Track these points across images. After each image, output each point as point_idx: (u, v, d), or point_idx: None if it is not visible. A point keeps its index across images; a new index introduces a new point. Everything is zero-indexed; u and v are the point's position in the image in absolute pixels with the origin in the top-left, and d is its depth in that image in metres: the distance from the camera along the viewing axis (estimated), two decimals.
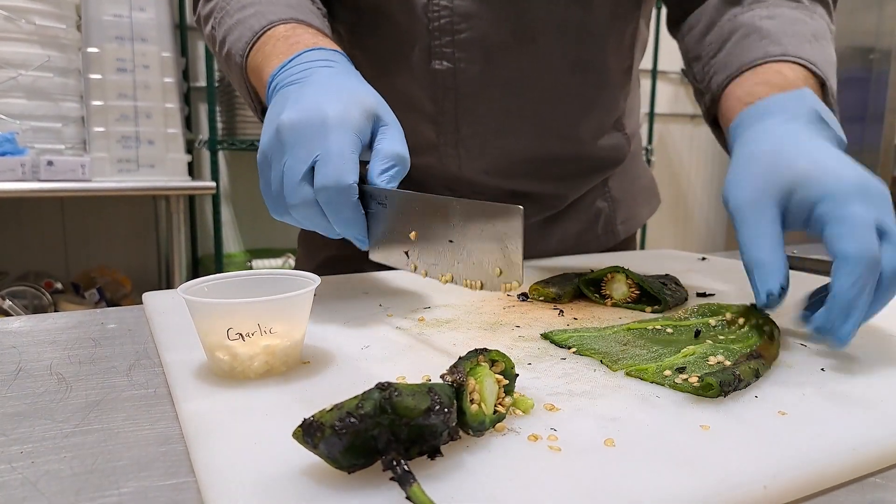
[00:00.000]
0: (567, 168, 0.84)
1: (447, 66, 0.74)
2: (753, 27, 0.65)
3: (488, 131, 0.78)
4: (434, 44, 0.74)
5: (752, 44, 0.64)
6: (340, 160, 0.50)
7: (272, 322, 0.42)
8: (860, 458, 0.34)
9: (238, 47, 0.65)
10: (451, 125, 0.77)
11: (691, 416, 0.37)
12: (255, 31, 0.63)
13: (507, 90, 0.76)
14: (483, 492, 0.29)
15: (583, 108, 0.80)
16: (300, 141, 0.51)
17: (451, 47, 0.74)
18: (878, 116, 2.82)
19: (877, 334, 0.54)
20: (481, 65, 0.74)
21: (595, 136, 0.83)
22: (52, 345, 0.52)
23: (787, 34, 0.63)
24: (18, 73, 1.95)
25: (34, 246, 2.42)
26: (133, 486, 0.31)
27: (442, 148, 0.79)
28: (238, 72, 0.65)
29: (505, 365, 0.37)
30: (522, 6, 0.72)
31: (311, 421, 0.30)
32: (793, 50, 0.62)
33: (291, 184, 0.51)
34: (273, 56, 0.61)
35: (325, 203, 0.51)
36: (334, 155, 0.50)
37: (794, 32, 0.63)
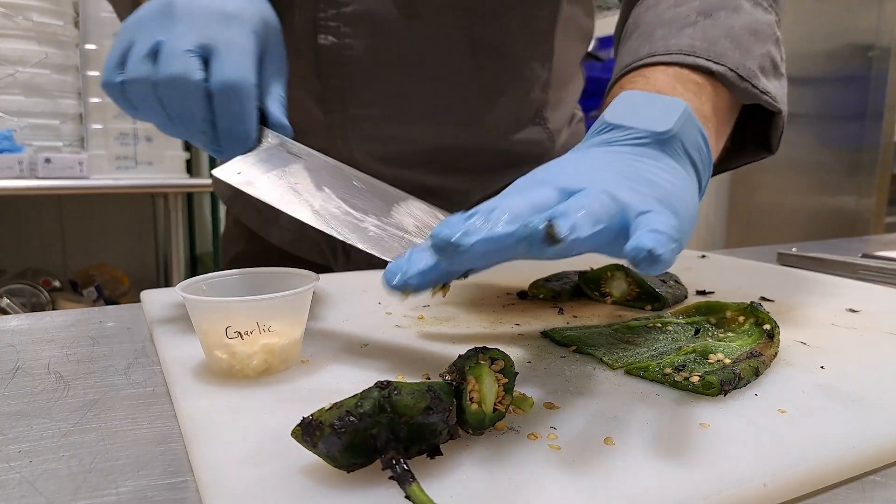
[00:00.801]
0: (474, 161, 0.78)
1: (332, 42, 0.69)
2: (637, 23, 0.57)
3: (379, 114, 0.73)
4: (319, 17, 0.69)
5: (630, 45, 0.55)
6: (240, 54, 0.46)
7: (271, 320, 0.42)
8: (860, 455, 0.34)
9: None
10: (338, 104, 0.72)
11: (691, 414, 0.37)
12: None
13: (397, 70, 0.71)
14: (482, 490, 0.29)
15: (487, 96, 0.74)
16: (188, 14, 0.46)
17: (337, 21, 0.69)
18: (877, 114, 2.82)
19: (876, 332, 0.54)
20: (368, 41, 0.69)
21: (507, 128, 0.77)
22: (50, 343, 0.52)
23: (664, 22, 0.53)
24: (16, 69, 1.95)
25: (32, 244, 2.41)
26: (131, 485, 0.31)
27: (331, 129, 0.74)
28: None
29: (504, 363, 0.37)
30: None
31: (310, 420, 0.30)
32: (661, 46, 0.52)
33: (170, 69, 0.46)
34: None
35: (221, 103, 0.47)
36: (234, 45, 0.46)
37: (672, 18, 0.53)
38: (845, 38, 2.92)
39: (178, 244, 2.26)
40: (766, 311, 0.50)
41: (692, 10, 0.53)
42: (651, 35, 0.53)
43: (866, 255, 0.88)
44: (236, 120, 0.48)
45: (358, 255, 0.81)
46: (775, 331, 0.47)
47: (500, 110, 0.76)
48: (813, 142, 3.05)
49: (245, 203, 0.85)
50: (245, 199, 0.85)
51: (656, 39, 0.52)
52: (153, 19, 0.48)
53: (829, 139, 3.00)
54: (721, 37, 0.51)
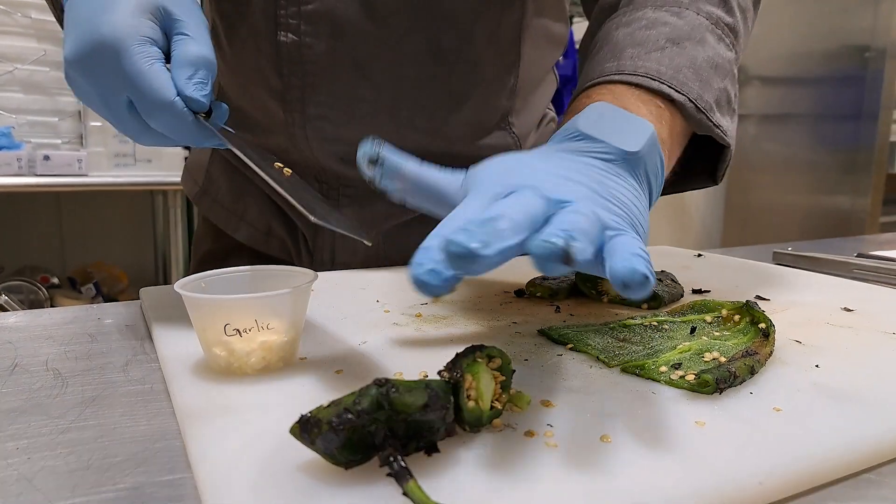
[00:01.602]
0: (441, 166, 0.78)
1: (292, 40, 0.68)
2: (608, 38, 0.59)
3: (338, 115, 0.72)
4: (280, 13, 0.67)
5: (600, 59, 0.57)
6: (148, 81, 0.45)
7: (269, 318, 0.42)
8: (855, 454, 0.34)
9: None
10: (297, 103, 0.71)
11: (687, 412, 0.38)
12: None
13: (357, 73, 0.69)
14: (480, 488, 0.30)
15: (451, 102, 0.73)
16: (95, 79, 0.46)
17: (298, 19, 0.67)
18: (873, 114, 2.83)
19: (871, 331, 0.54)
20: (329, 41, 0.68)
21: (472, 134, 0.76)
22: (49, 340, 0.52)
23: (635, 43, 0.56)
24: (14, 66, 1.95)
25: (30, 241, 2.41)
26: (130, 482, 0.31)
27: (290, 128, 0.72)
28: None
29: (502, 361, 0.37)
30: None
31: (308, 417, 0.30)
32: (629, 65, 0.54)
33: (123, 126, 0.48)
34: None
35: (166, 129, 0.47)
36: (139, 77, 0.45)
37: (643, 40, 0.55)
38: (841, 39, 2.92)
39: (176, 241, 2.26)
40: (761, 309, 0.50)
41: (662, 35, 0.55)
42: (622, 53, 0.55)
43: (861, 255, 0.88)
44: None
45: (321, 256, 0.80)
46: (771, 329, 0.48)
47: (465, 117, 0.75)
48: (809, 142, 3.05)
49: (212, 201, 0.84)
50: (212, 196, 0.85)
51: (626, 58, 0.54)
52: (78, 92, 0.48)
53: (825, 139, 3.01)
54: (685, 66, 0.53)
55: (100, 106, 0.48)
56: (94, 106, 0.48)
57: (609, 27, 0.60)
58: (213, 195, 0.85)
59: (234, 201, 0.83)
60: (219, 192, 0.84)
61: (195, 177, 0.88)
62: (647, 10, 0.58)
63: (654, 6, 0.58)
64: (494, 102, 0.76)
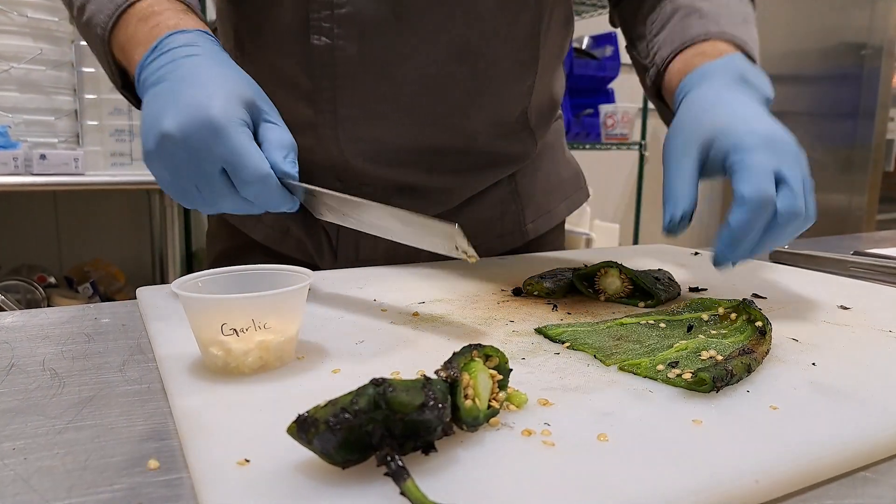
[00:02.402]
0: (459, 162, 0.79)
1: (325, 42, 0.70)
2: (693, 8, 0.72)
3: (367, 114, 0.74)
4: (312, 17, 0.69)
5: (693, 22, 0.71)
6: (250, 157, 0.51)
7: (266, 317, 0.42)
8: (851, 452, 0.34)
9: (100, 20, 0.61)
10: (328, 104, 0.73)
11: (684, 410, 0.38)
12: (118, 4, 0.60)
13: (387, 72, 0.72)
14: (477, 486, 0.30)
15: (472, 99, 0.75)
16: (197, 150, 0.51)
17: (330, 22, 0.69)
18: (869, 112, 2.83)
19: (867, 329, 0.54)
20: (360, 43, 0.70)
21: (492, 130, 0.79)
22: (45, 340, 0.52)
23: (723, 15, 0.71)
24: (10, 65, 1.94)
25: (27, 240, 2.40)
26: (126, 482, 0.31)
27: (321, 129, 0.74)
28: (100, 45, 0.62)
29: (499, 360, 0.38)
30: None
31: (305, 416, 0.30)
32: (729, 29, 0.70)
33: (212, 193, 0.52)
34: (136, 43, 0.58)
35: (255, 197, 0.52)
36: (243, 154, 0.51)
37: (728, 14, 0.72)
38: (838, 37, 2.93)
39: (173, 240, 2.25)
40: (758, 308, 0.50)
41: (738, 14, 0.73)
42: (717, 20, 0.71)
43: (858, 253, 0.89)
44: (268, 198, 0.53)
45: (346, 252, 0.81)
46: (767, 328, 0.48)
47: (485, 113, 0.77)
48: (805, 140, 3.03)
49: None
50: None
51: (724, 25, 0.71)
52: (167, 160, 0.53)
53: (822, 137, 3.01)
54: (753, 42, 0.71)
55: (190, 173, 0.52)
56: (183, 174, 0.52)
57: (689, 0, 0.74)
58: None
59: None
60: None
61: None
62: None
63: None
64: (514, 99, 0.78)
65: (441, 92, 0.73)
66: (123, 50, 0.61)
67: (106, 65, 0.64)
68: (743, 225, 0.53)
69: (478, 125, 0.77)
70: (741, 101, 0.61)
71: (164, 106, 0.52)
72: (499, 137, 0.80)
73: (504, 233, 0.87)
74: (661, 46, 0.73)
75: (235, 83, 0.54)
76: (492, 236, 0.87)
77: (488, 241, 0.86)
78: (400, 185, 0.79)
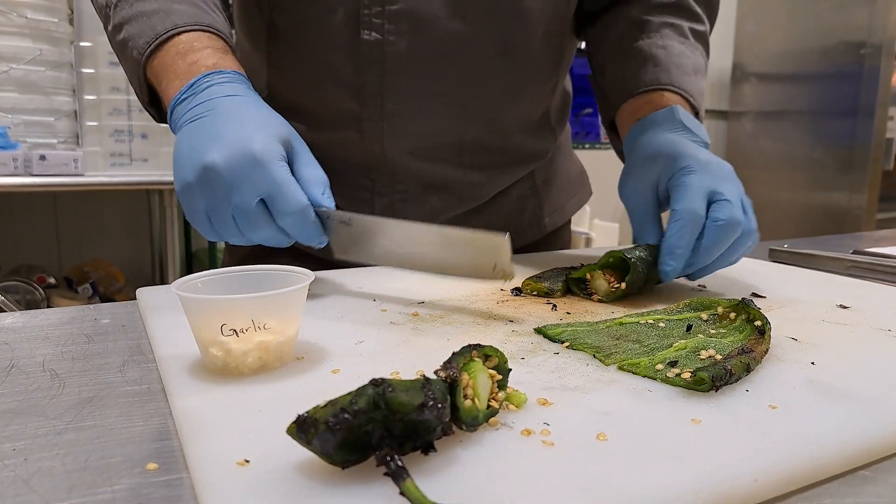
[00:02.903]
0: (491, 158, 0.83)
1: (375, 38, 0.72)
2: (650, 55, 0.78)
3: (414, 109, 0.76)
4: (363, 13, 0.71)
5: (648, 69, 0.77)
6: (290, 189, 0.54)
7: (266, 318, 0.42)
8: (850, 451, 0.34)
9: (138, 44, 0.64)
10: (375, 99, 0.75)
11: (683, 409, 0.38)
12: (158, 33, 0.63)
13: (433, 67, 0.74)
14: (476, 486, 0.30)
15: (509, 95, 0.79)
16: (240, 182, 0.53)
17: (381, 18, 0.71)
18: (869, 111, 2.83)
19: (866, 328, 0.54)
20: (410, 39, 0.72)
21: (521, 126, 0.83)
22: (45, 341, 0.52)
23: (674, 65, 0.77)
24: (10, 66, 1.94)
25: (27, 241, 2.40)
26: (127, 483, 0.31)
27: (365, 122, 0.76)
28: (135, 68, 0.65)
29: (498, 360, 0.38)
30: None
31: (304, 417, 0.30)
32: (676, 80, 0.76)
33: (248, 223, 0.55)
34: (174, 75, 0.61)
35: (291, 228, 0.55)
36: (283, 186, 0.54)
37: (678, 64, 0.77)
38: (837, 36, 2.92)
39: (173, 241, 2.25)
40: (757, 307, 0.50)
41: (689, 65, 0.78)
42: (668, 71, 0.77)
43: (857, 252, 0.89)
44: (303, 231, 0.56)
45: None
46: (766, 327, 0.48)
47: (519, 109, 0.81)
48: (805, 139, 3.05)
49: None
50: None
51: (674, 76, 0.76)
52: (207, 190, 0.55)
53: (822, 136, 3.01)
54: (700, 94, 0.78)
55: (229, 204, 0.54)
56: (223, 205, 0.55)
57: (648, 46, 0.79)
58: None
59: None
60: None
61: None
62: (675, 42, 0.79)
63: (678, 41, 0.80)
64: (542, 96, 0.84)
65: (482, 87, 0.77)
66: (158, 77, 0.63)
67: (136, 83, 0.67)
68: (676, 236, 0.61)
69: (510, 122, 0.81)
70: (683, 141, 0.69)
71: (206, 140, 0.55)
72: (525, 134, 0.84)
73: (524, 227, 0.90)
74: (618, 87, 0.80)
75: (274, 123, 0.58)
76: (513, 231, 0.88)
77: (514, 234, 0.89)
78: (432, 182, 0.81)
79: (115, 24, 0.67)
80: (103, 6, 0.68)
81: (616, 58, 0.82)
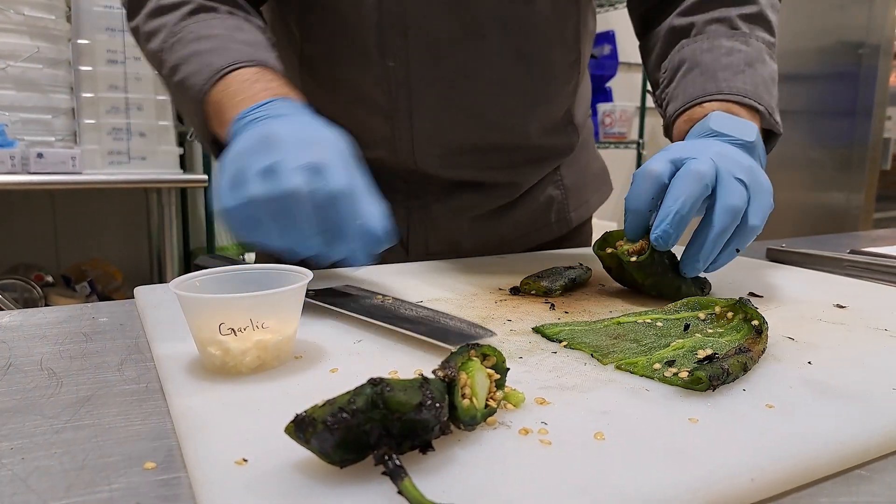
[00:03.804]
0: (515, 158, 0.86)
1: (400, 64, 0.76)
2: (695, 62, 0.74)
3: (440, 125, 0.79)
4: (386, 41, 0.75)
5: (695, 79, 0.73)
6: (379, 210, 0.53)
7: (264, 317, 0.42)
8: (847, 450, 0.34)
9: (197, 81, 0.64)
10: (405, 121, 0.78)
11: (680, 409, 0.38)
12: (218, 68, 0.64)
13: (455, 84, 0.77)
14: (474, 485, 0.30)
15: (530, 100, 0.82)
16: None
17: (404, 43, 0.75)
18: (867, 111, 2.84)
19: (863, 328, 0.54)
20: (432, 60, 0.76)
21: (544, 127, 0.85)
22: (43, 339, 0.52)
23: (722, 67, 0.72)
24: (7, 64, 1.94)
25: (24, 239, 2.40)
26: (124, 482, 0.31)
27: (397, 143, 0.80)
28: (193, 104, 0.65)
29: (496, 359, 0.38)
30: (469, 2, 0.74)
31: (303, 416, 0.30)
32: (726, 84, 0.70)
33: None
34: (242, 96, 0.62)
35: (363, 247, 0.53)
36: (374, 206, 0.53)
37: (727, 65, 0.72)
38: (836, 36, 2.93)
39: (171, 239, 2.25)
40: (754, 306, 0.50)
41: (741, 60, 0.72)
42: (714, 76, 0.71)
43: (854, 251, 0.89)
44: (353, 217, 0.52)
45: (416, 249, 0.87)
46: (764, 326, 0.48)
47: (539, 113, 0.84)
48: (803, 138, 3.06)
49: None
50: None
51: (720, 80, 0.70)
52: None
53: (820, 136, 3.02)
54: (759, 84, 0.71)
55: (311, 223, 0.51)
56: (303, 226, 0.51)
57: (693, 51, 0.75)
58: None
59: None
60: None
61: None
62: (722, 39, 0.74)
63: (726, 36, 0.74)
64: (562, 98, 0.86)
65: (502, 96, 0.80)
66: (219, 107, 0.63)
67: (196, 120, 0.67)
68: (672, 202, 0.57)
69: (531, 124, 0.84)
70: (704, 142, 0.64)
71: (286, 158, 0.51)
72: (549, 133, 0.86)
73: (552, 222, 0.93)
74: (671, 101, 0.75)
75: (349, 145, 0.57)
76: (542, 225, 0.93)
77: (540, 229, 0.92)
78: (462, 181, 0.85)
79: (171, 66, 0.67)
80: (156, 51, 0.69)
81: (666, 69, 0.78)
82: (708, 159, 0.59)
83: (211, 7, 0.70)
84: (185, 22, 0.69)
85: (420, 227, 0.86)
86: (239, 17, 0.71)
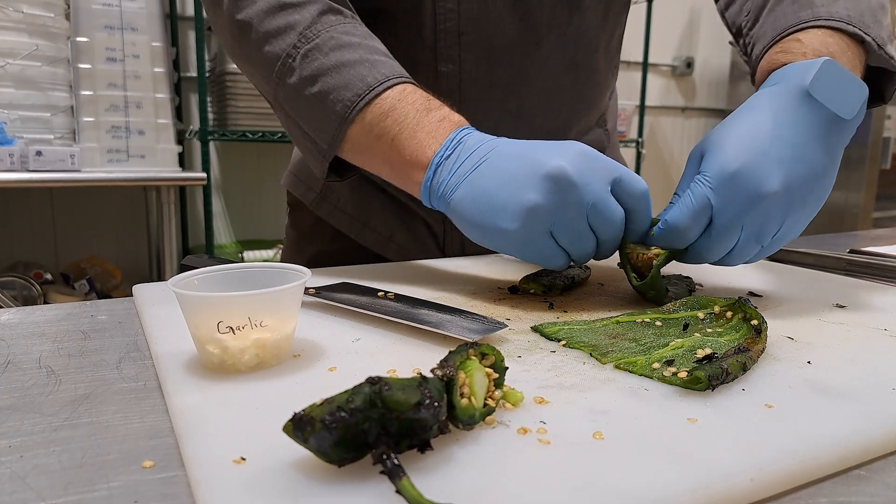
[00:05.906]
0: None
1: (452, 69, 0.76)
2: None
3: (491, 131, 0.78)
4: (440, 46, 0.75)
5: (785, 9, 0.64)
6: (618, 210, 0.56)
7: (263, 315, 0.42)
8: (845, 450, 0.34)
9: (345, 96, 0.62)
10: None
11: (679, 409, 0.38)
12: (370, 85, 0.62)
13: (507, 91, 0.78)
14: (473, 485, 0.30)
15: (574, 106, 0.83)
16: (587, 173, 0.53)
17: (457, 49, 0.75)
18: None
19: (862, 328, 0.54)
20: (485, 67, 0.76)
21: (581, 132, 0.87)
22: (42, 337, 0.52)
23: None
24: (6, 62, 1.93)
25: (23, 236, 2.40)
26: (123, 480, 0.31)
27: None
28: (335, 120, 0.63)
29: (495, 358, 0.38)
30: (525, 9, 0.74)
31: (301, 415, 0.30)
32: (824, 11, 0.62)
33: (605, 212, 0.54)
34: (421, 131, 0.61)
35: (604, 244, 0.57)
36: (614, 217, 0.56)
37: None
38: None
39: (170, 237, 2.25)
40: (753, 306, 0.50)
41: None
42: (811, 2, 0.62)
43: (854, 251, 0.89)
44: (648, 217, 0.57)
45: (452, 249, 0.87)
46: (763, 326, 0.48)
47: (581, 118, 0.85)
48: None
49: (333, 207, 0.90)
50: (332, 203, 0.89)
51: (817, 6, 0.62)
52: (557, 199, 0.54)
53: None
54: (865, 11, 0.62)
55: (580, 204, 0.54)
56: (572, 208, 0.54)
57: None
58: (334, 202, 0.89)
59: (357, 208, 0.88)
60: (340, 199, 0.89)
61: (310, 184, 0.91)
62: None
63: None
64: (601, 102, 0.88)
65: (550, 103, 0.81)
66: (383, 130, 0.61)
67: (327, 136, 0.64)
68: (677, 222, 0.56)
69: (571, 128, 0.85)
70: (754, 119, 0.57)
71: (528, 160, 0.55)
72: (584, 136, 0.88)
73: None
74: (756, 42, 0.68)
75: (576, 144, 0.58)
76: None
77: None
78: None
79: (306, 76, 0.63)
80: (280, 55, 0.64)
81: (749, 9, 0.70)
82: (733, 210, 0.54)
83: (337, 9, 0.66)
84: (320, 26, 0.64)
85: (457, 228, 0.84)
86: (358, 21, 0.68)
